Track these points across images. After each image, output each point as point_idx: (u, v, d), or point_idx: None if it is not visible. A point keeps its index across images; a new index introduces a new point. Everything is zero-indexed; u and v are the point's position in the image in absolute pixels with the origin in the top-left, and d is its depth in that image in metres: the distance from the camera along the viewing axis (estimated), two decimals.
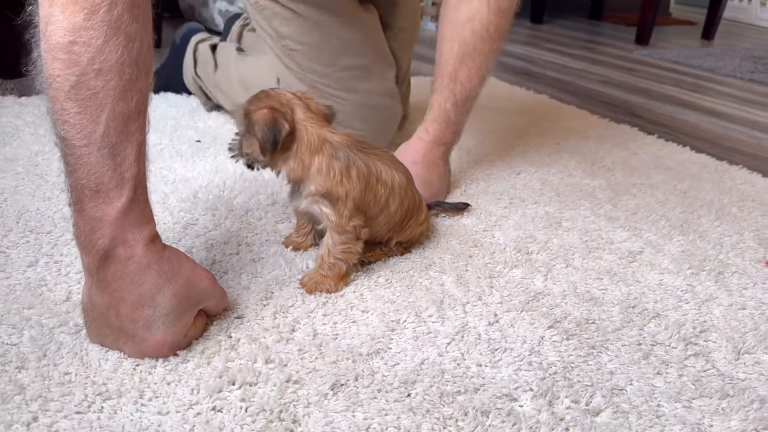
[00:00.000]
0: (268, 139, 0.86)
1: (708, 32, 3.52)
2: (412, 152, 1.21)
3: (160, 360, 0.76)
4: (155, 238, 0.75)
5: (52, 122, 0.70)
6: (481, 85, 1.23)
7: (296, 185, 0.93)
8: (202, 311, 0.81)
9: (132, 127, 0.71)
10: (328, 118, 0.94)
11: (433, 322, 0.86)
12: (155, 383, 0.72)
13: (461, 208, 1.18)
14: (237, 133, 0.94)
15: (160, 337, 0.74)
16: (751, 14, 4.14)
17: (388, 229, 1.00)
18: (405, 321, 0.86)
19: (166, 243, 0.77)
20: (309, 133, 0.90)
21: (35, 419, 0.67)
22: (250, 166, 0.95)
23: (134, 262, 0.72)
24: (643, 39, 3.27)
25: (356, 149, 0.92)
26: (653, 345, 0.84)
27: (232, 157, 0.95)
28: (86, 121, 0.67)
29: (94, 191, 0.70)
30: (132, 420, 0.67)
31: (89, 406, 0.69)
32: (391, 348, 0.81)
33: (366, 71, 1.40)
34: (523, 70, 2.54)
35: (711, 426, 0.71)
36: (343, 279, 0.93)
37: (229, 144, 0.96)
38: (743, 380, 0.78)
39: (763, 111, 2.09)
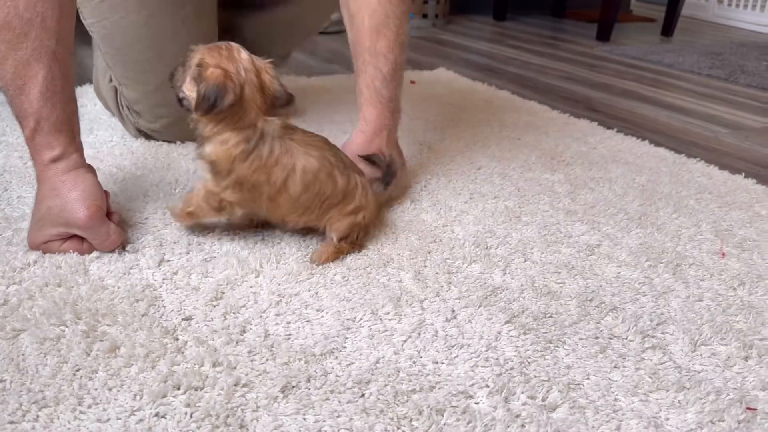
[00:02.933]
0: (207, 100, 0.88)
1: (667, 29, 3.56)
2: (354, 148, 1.15)
3: (102, 365, 0.72)
4: (58, 161, 0.92)
5: None
6: (403, 53, 1.18)
7: (201, 140, 0.95)
8: (80, 238, 0.93)
9: (32, 71, 0.88)
10: (275, 102, 0.94)
11: (390, 320, 0.84)
12: (96, 389, 0.69)
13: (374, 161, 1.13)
14: (180, 64, 0.94)
15: (29, 234, 0.94)
16: (708, 11, 4.21)
17: (294, 211, 0.97)
18: (361, 319, 0.84)
19: None
20: (244, 114, 0.91)
21: None
22: (180, 102, 0.95)
23: (38, 174, 0.93)
24: (604, 35, 3.29)
25: (278, 135, 0.94)
26: (610, 338, 0.83)
27: (171, 86, 0.96)
28: None
29: (17, 120, 0.92)
30: (69, 429, 0.64)
31: (24, 415, 0.65)
32: (345, 347, 0.79)
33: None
34: (486, 66, 2.53)
35: (667, 419, 0.70)
36: (189, 216, 0.99)
37: (172, 73, 0.95)
38: (699, 372, 0.78)
39: (720, 105, 2.11)
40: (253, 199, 0.96)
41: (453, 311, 0.87)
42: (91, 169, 0.97)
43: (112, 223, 0.95)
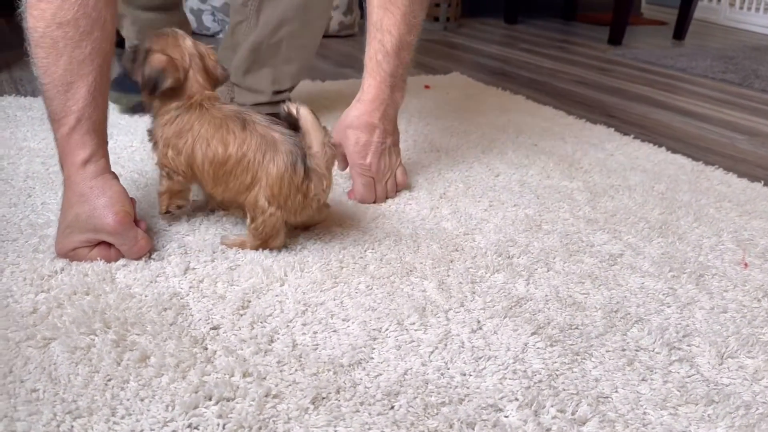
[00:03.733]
0: (150, 82, 0.97)
1: (679, 32, 3.55)
2: (349, 117, 1.20)
3: (133, 374, 0.73)
4: (88, 163, 0.93)
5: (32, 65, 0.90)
6: (411, 33, 1.19)
7: (152, 119, 1.04)
8: (108, 245, 0.94)
9: (85, 69, 0.90)
10: (219, 79, 1.04)
11: (416, 330, 0.85)
12: (128, 399, 0.69)
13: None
14: (131, 48, 1.04)
15: (57, 241, 0.95)
16: (720, 14, 4.20)
17: (208, 183, 1.00)
18: (387, 329, 0.84)
19: None
20: (186, 94, 0.99)
21: None
22: (127, 76, 1.05)
23: (66, 178, 0.94)
24: (615, 39, 3.29)
25: (201, 104, 0.99)
26: (637, 350, 0.83)
27: (120, 63, 1.06)
28: (50, 63, 0.88)
29: (53, 119, 0.93)
30: None
31: (58, 426, 0.66)
32: (373, 358, 0.79)
33: None
34: (499, 70, 2.53)
35: None
36: (162, 197, 1.05)
37: (126, 50, 1.03)
38: (728, 385, 0.78)
39: (736, 111, 2.11)
40: (184, 168, 1.00)
41: (478, 322, 0.87)
42: (115, 176, 0.98)
43: (140, 230, 0.95)
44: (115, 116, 1.56)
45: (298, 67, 1.58)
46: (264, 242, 1.00)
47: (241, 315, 0.85)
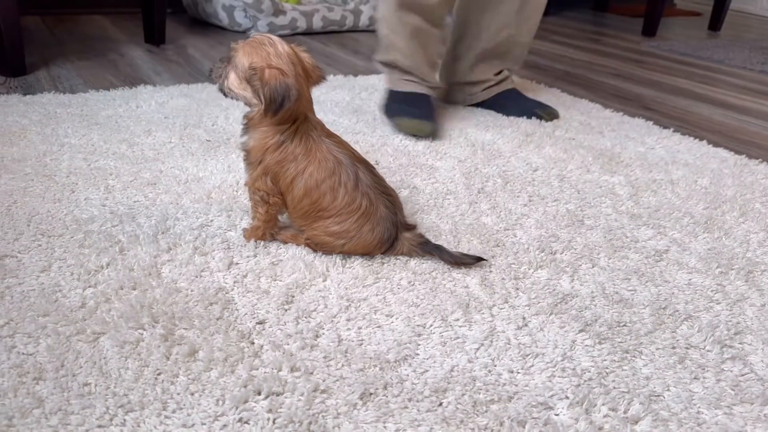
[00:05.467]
0: (275, 102, 0.90)
1: (715, 23, 3.48)
2: None
3: (182, 369, 0.73)
4: None
5: None
6: None
7: (245, 128, 0.98)
8: None
9: None
10: (317, 81, 0.98)
11: (460, 327, 0.84)
12: (178, 394, 0.70)
13: (464, 261, 0.98)
14: (221, 60, 0.97)
15: None
16: (756, 5, 4.10)
17: (295, 213, 0.99)
18: (431, 326, 0.84)
19: (182, 244, 0.74)
20: (295, 107, 0.93)
21: None
22: (222, 92, 0.98)
23: None
24: (650, 30, 3.23)
25: (311, 133, 0.96)
26: (687, 348, 0.82)
27: (210, 78, 1.00)
28: None
29: None
30: None
31: (111, 419, 0.66)
32: (418, 354, 0.79)
33: None
34: (532, 63, 2.50)
35: None
36: (254, 233, 1.01)
37: (211, 68, 0.98)
38: None
39: None
40: (275, 193, 0.98)
41: (524, 318, 0.86)
42: None
43: None
44: (153, 111, 1.58)
45: (514, 59, 1.76)
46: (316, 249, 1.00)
47: (286, 310, 0.85)
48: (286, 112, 0.92)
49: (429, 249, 0.98)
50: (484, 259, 0.98)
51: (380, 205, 0.96)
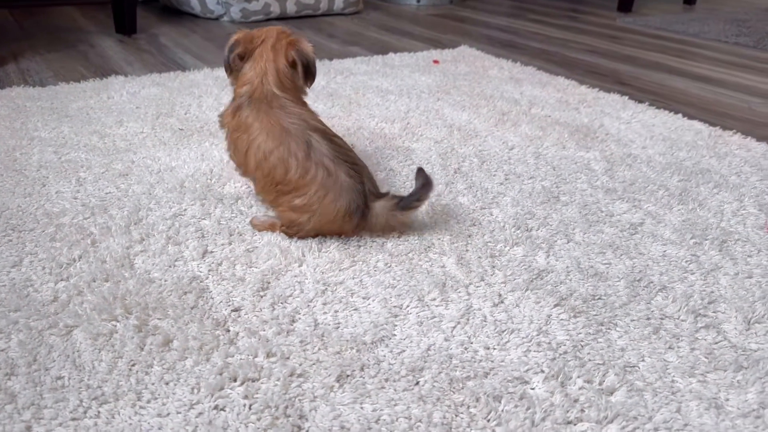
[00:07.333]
0: (225, 53, 1.04)
1: None
2: None
3: (157, 359, 0.73)
4: None
5: None
6: None
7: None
8: None
9: None
10: (288, 60, 1.02)
11: (437, 306, 0.84)
12: (153, 384, 0.69)
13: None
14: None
15: None
16: None
17: (258, 188, 1.00)
18: (408, 306, 0.84)
19: (155, 234, 0.74)
20: (249, 67, 1.02)
21: (29, 429, 0.63)
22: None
23: None
24: (625, 6, 3.23)
25: (263, 101, 0.99)
26: (662, 318, 0.82)
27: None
28: None
29: None
30: (131, 424, 0.65)
31: (85, 412, 0.66)
32: (395, 335, 0.78)
33: None
34: (508, 42, 2.50)
35: (727, 400, 0.70)
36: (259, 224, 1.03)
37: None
38: (756, 351, 0.77)
39: (751, 74, 2.07)
40: (237, 158, 1.01)
41: (500, 296, 0.86)
42: None
43: None
44: (125, 102, 1.56)
45: None
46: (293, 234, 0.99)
47: (262, 296, 0.85)
48: (234, 68, 1.03)
49: (408, 202, 0.95)
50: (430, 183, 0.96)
51: (341, 174, 0.93)
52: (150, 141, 1.34)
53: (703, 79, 2.01)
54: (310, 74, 1.04)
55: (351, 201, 0.93)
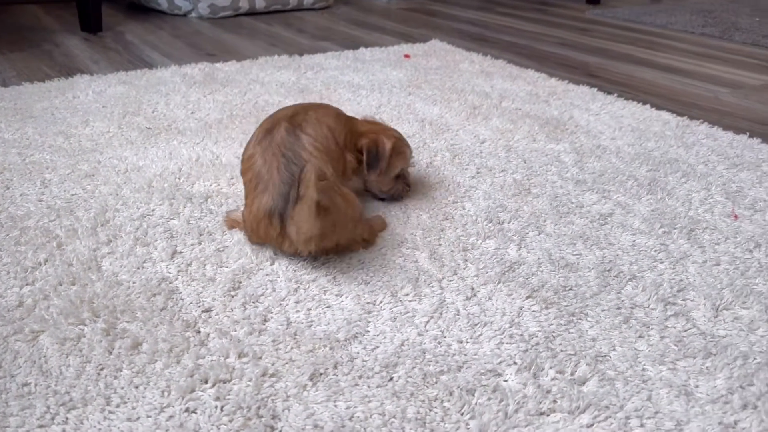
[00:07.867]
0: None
1: None
2: None
3: (126, 362, 0.71)
4: None
5: None
6: None
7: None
8: None
9: None
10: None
11: (410, 301, 0.84)
12: (122, 388, 0.68)
13: None
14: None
15: None
16: None
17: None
18: (381, 302, 0.83)
19: (123, 235, 0.72)
20: None
21: None
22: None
23: None
24: None
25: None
26: (632, 308, 0.83)
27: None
28: None
29: None
30: (100, 429, 0.63)
31: (53, 418, 0.64)
32: (369, 331, 0.78)
33: None
34: (479, 35, 2.50)
35: (697, 386, 0.70)
36: None
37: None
38: (724, 337, 0.78)
39: (717, 64, 2.10)
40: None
41: (472, 289, 0.86)
42: None
43: None
44: (91, 101, 1.53)
45: None
46: None
47: (233, 296, 0.84)
48: None
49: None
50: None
51: (274, 171, 0.87)
52: (117, 140, 1.32)
53: (671, 69, 2.03)
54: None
55: (271, 200, 0.86)
